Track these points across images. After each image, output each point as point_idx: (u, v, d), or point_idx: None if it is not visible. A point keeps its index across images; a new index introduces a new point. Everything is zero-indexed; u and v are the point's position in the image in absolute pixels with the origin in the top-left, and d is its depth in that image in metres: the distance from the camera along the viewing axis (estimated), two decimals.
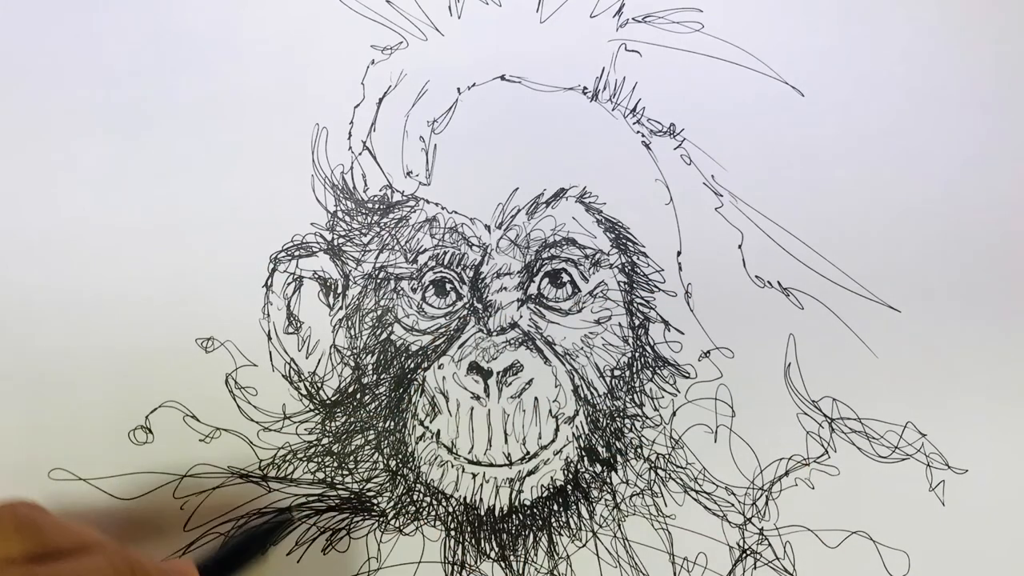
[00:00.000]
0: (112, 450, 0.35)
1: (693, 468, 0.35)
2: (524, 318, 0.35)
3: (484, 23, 0.35)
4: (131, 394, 0.34)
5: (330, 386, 0.36)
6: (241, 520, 0.35)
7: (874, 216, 0.35)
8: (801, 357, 0.35)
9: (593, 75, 0.35)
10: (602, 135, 0.35)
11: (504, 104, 0.35)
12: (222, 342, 0.35)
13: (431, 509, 0.35)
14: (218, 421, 0.35)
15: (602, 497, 0.36)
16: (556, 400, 0.35)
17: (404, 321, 0.35)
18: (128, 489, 0.35)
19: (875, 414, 0.35)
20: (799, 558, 0.35)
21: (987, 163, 0.35)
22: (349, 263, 0.35)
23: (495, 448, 0.35)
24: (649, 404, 0.36)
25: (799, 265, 0.35)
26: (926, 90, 0.35)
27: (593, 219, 0.35)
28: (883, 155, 0.35)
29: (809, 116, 0.35)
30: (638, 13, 0.35)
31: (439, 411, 0.35)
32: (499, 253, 0.35)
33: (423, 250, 0.35)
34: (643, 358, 0.36)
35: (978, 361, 0.35)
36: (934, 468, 0.35)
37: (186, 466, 0.35)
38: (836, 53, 0.35)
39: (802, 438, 0.35)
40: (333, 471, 0.35)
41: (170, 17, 0.35)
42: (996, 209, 0.35)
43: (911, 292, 0.35)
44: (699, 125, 0.35)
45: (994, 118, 0.35)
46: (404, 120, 0.35)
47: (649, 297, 0.35)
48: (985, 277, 0.35)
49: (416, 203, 0.35)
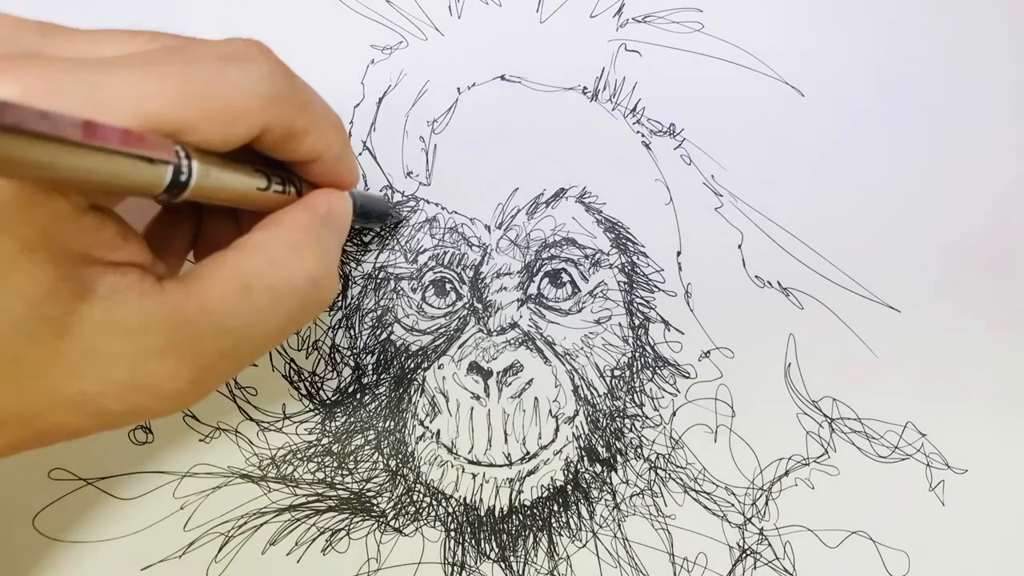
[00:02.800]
0: (112, 450, 0.35)
1: (693, 468, 0.35)
2: (524, 318, 0.35)
3: (484, 23, 0.35)
4: None
5: (330, 386, 0.36)
6: (242, 520, 0.35)
7: (874, 216, 0.35)
8: (801, 357, 0.35)
9: (593, 75, 0.35)
10: (602, 135, 0.35)
11: (504, 104, 0.35)
12: None
13: (431, 509, 0.35)
14: (218, 421, 0.35)
15: (602, 497, 0.36)
16: (556, 400, 0.35)
17: (404, 321, 0.35)
18: (128, 489, 0.35)
19: (875, 414, 0.35)
20: (799, 558, 0.35)
21: (987, 163, 0.35)
22: (349, 263, 0.35)
23: (495, 448, 0.35)
24: (649, 404, 0.36)
25: (799, 265, 0.35)
26: (927, 90, 0.35)
27: (593, 219, 0.35)
28: (883, 155, 0.35)
29: (809, 116, 0.35)
30: (638, 13, 0.35)
31: (439, 411, 0.35)
32: (499, 253, 0.35)
33: (423, 250, 0.35)
34: (643, 358, 0.36)
35: (978, 361, 0.35)
36: (934, 468, 0.35)
37: (186, 466, 0.35)
38: (836, 53, 0.35)
39: (802, 438, 0.35)
40: (333, 471, 0.35)
41: (168, 16, 0.35)
42: (996, 209, 0.35)
43: (911, 292, 0.35)
44: (699, 125, 0.35)
45: (995, 117, 0.35)
46: (404, 120, 0.35)
47: (649, 297, 0.35)
48: (985, 277, 0.35)
49: (416, 203, 0.35)
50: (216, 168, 0.21)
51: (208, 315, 0.21)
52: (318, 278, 0.23)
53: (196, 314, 0.21)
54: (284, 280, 0.23)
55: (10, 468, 0.35)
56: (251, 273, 0.22)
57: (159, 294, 0.21)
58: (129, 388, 0.21)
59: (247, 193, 0.23)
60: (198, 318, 0.21)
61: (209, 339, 0.21)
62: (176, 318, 0.21)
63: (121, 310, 0.20)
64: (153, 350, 0.21)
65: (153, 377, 0.21)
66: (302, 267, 0.23)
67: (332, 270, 0.24)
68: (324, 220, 0.25)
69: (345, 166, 0.26)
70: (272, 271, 0.22)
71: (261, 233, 0.23)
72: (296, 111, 0.23)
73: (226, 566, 0.35)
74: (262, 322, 0.22)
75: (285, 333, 0.23)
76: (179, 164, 0.20)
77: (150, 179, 0.19)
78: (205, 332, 0.21)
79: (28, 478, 0.35)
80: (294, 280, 0.23)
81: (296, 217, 0.24)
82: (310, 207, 0.25)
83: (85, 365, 0.20)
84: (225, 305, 0.21)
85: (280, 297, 0.23)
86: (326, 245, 0.24)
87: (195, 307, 0.21)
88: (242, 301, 0.22)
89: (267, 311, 0.22)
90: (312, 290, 0.23)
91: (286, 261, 0.23)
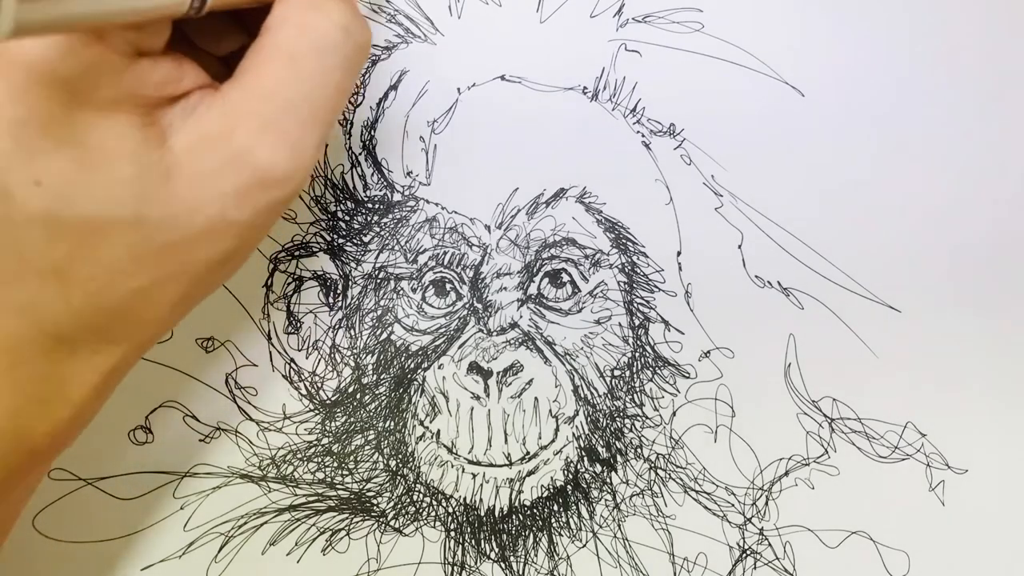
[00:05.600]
0: (112, 450, 0.35)
1: (693, 468, 0.35)
2: (524, 318, 0.35)
3: (484, 23, 0.35)
4: (131, 394, 0.34)
5: (330, 386, 0.36)
6: (242, 520, 0.35)
7: (874, 216, 0.35)
8: (801, 357, 0.35)
9: (593, 75, 0.35)
10: (602, 135, 0.35)
11: (504, 104, 0.35)
12: (222, 342, 0.35)
13: (431, 510, 0.35)
14: (218, 421, 0.35)
15: (602, 497, 0.36)
16: (556, 400, 0.35)
17: (404, 321, 0.35)
18: (128, 489, 0.35)
19: (875, 414, 0.35)
20: (799, 558, 0.35)
21: (988, 163, 0.35)
22: (349, 263, 0.35)
23: (495, 448, 0.35)
24: (649, 404, 0.36)
25: (799, 265, 0.35)
26: (927, 90, 0.35)
27: (593, 219, 0.35)
28: (883, 155, 0.35)
29: (809, 116, 0.35)
30: (638, 13, 0.35)
31: (439, 411, 0.35)
32: (499, 253, 0.35)
33: (423, 250, 0.35)
34: (643, 358, 0.36)
35: (978, 361, 0.35)
36: (934, 468, 0.35)
37: (186, 466, 0.35)
38: (836, 53, 0.35)
39: (802, 438, 0.35)
40: (333, 471, 0.35)
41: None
42: (996, 209, 0.35)
43: (911, 292, 0.35)
44: (699, 125, 0.35)
45: (995, 118, 0.35)
46: (404, 120, 0.35)
47: (649, 297, 0.35)
48: (985, 277, 0.35)
49: (416, 203, 0.35)
50: None
51: (272, 96, 0.23)
52: (347, 24, 0.24)
53: (261, 100, 0.23)
54: (319, 36, 0.24)
55: None
56: (288, 44, 0.23)
57: (222, 100, 0.23)
58: (243, 191, 0.22)
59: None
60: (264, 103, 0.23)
61: (284, 116, 0.23)
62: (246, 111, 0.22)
63: (199, 128, 0.22)
64: (243, 148, 0.22)
65: (257, 171, 0.22)
66: (328, 18, 0.24)
67: (355, 14, 0.25)
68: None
69: None
70: (305, 34, 0.23)
71: (278, 8, 0.24)
72: None
73: (226, 566, 0.35)
74: (320, 82, 0.24)
75: (345, 86, 0.25)
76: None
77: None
78: (277, 112, 0.23)
79: None
80: (327, 34, 0.24)
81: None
82: None
83: (197, 191, 0.22)
84: (281, 82, 0.23)
85: (323, 54, 0.24)
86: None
87: (257, 96, 0.23)
88: (293, 72, 0.23)
89: (319, 71, 0.23)
90: (346, 37, 0.24)
91: (312, 20, 0.24)
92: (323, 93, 0.24)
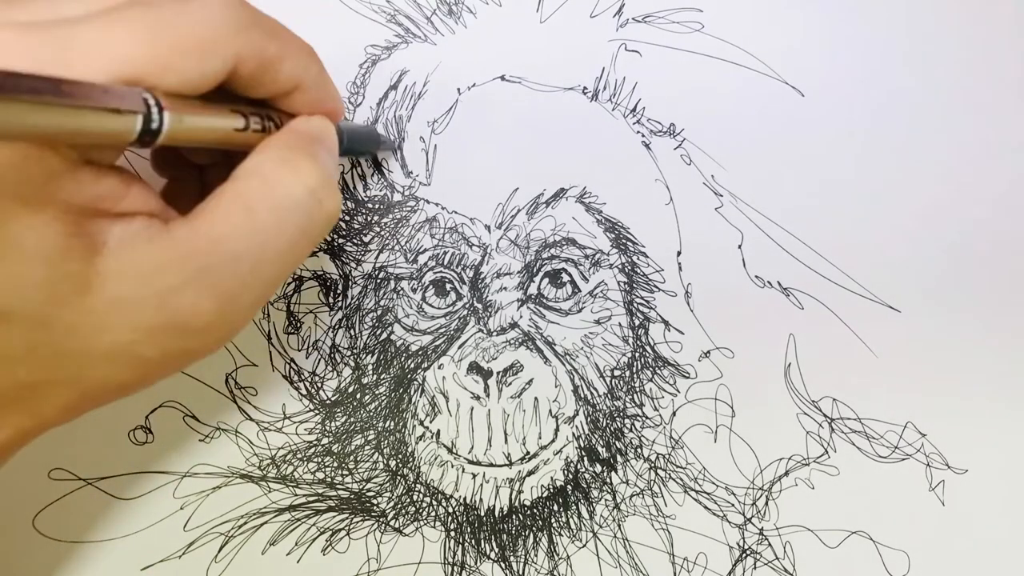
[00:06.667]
0: (112, 450, 0.35)
1: (693, 468, 0.35)
2: (524, 318, 0.35)
3: (484, 23, 0.35)
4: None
5: (330, 386, 0.36)
6: (242, 520, 0.35)
7: (874, 216, 0.35)
8: (801, 357, 0.35)
9: (593, 75, 0.35)
10: (602, 135, 0.35)
11: (504, 104, 0.35)
12: None
13: (431, 509, 0.35)
14: (218, 421, 0.35)
15: (602, 497, 0.36)
16: (556, 400, 0.35)
17: (404, 321, 0.35)
18: (128, 489, 0.35)
19: (875, 414, 0.35)
20: (799, 558, 0.35)
21: (988, 163, 0.35)
22: (349, 263, 0.35)
23: (495, 448, 0.35)
24: (649, 404, 0.36)
25: (799, 265, 0.35)
26: (927, 90, 0.35)
27: (593, 219, 0.35)
28: (883, 155, 0.35)
29: (809, 116, 0.35)
30: (638, 13, 0.35)
31: (439, 411, 0.35)
32: (499, 253, 0.35)
33: (423, 250, 0.35)
34: (643, 358, 0.36)
35: (978, 361, 0.35)
36: (934, 468, 0.35)
37: (186, 466, 0.35)
38: (836, 53, 0.35)
39: (802, 438, 0.35)
40: (333, 471, 0.35)
41: None
42: (996, 209, 0.35)
43: (911, 292, 0.35)
44: (699, 125, 0.35)
45: (995, 118, 0.35)
46: (404, 120, 0.35)
47: (649, 297, 0.35)
48: (985, 277, 0.35)
49: (416, 203, 0.35)
50: (189, 113, 0.22)
51: (217, 244, 0.22)
52: (315, 188, 0.24)
53: (206, 246, 0.22)
54: (282, 195, 0.23)
55: (10, 468, 0.35)
56: (250, 195, 0.23)
57: (167, 235, 0.22)
58: (158, 331, 0.21)
59: (226, 135, 0.23)
60: (208, 249, 0.22)
61: (224, 267, 0.22)
62: (187, 252, 0.21)
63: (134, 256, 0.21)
64: (172, 288, 0.21)
65: (178, 314, 0.21)
66: (297, 179, 0.23)
67: (329, 181, 0.24)
68: (310, 137, 0.25)
69: (327, 92, 0.27)
70: (269, 189, 0.23)
71: (252, 159, 0.24)
72: (266, 37, 0.23)
73: (226, 566, 0.35)
74: (273, 241, 0.23)
75: (298, 251, 0.24)
76: (148, 112, 0.20)
77: (119, 128, 0.19)
78: (218, 261, 0.22)
79: (28, 478, 0.35)
80: (292, 193, 0.23)
81: (281, 138, 0.25)
82: (293, 128, 0.26)
83: (112, 315, 0.21)
84: (232, 231, 0.22)
85: (283, 212, 0.23)
86: (317, 156, 0.25)
87: (203, 240, 0.22)
88: (247, 223, 0.22)
89: (274, 229, 0.23)
90: (312, 201, 0.23)
91: (280, 176, 0.23)
92: (273, 252, 0.23)
